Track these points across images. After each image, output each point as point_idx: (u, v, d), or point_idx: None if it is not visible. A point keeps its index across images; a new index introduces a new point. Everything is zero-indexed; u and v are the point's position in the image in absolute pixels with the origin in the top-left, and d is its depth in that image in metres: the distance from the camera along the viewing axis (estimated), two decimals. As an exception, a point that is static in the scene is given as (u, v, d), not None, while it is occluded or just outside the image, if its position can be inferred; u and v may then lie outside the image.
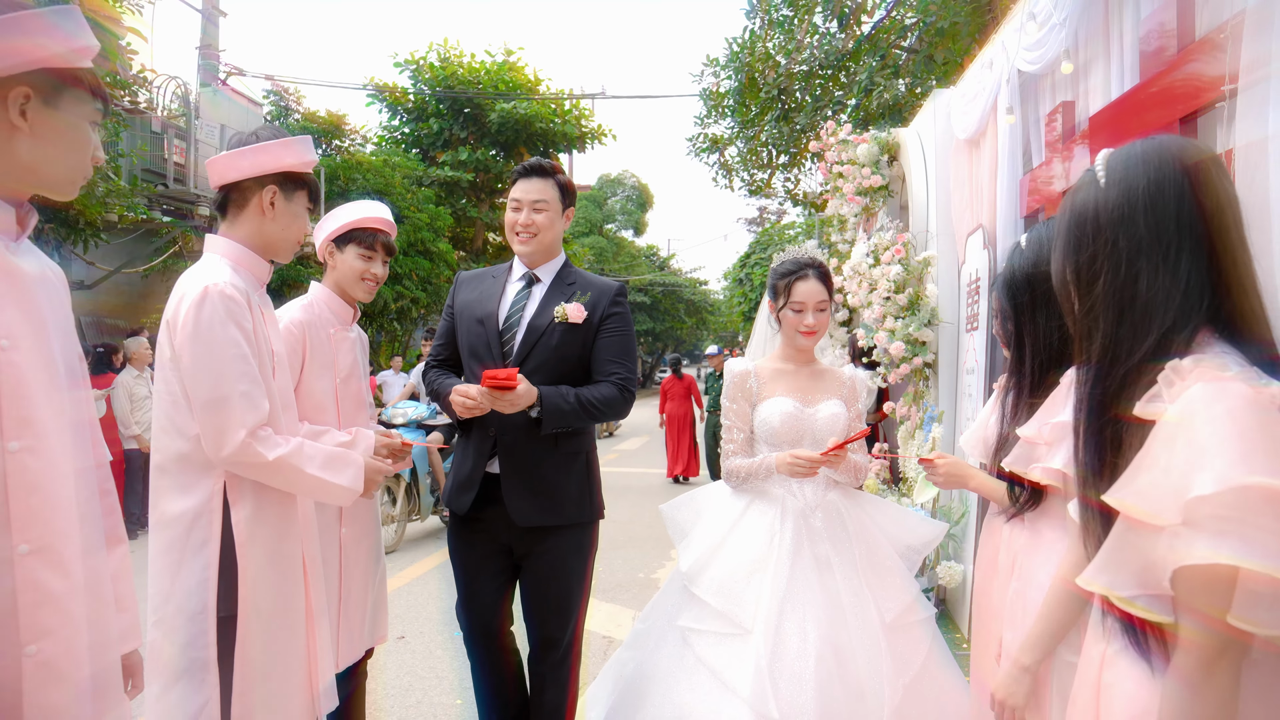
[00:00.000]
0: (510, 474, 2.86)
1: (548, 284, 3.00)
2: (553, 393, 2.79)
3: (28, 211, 1.51)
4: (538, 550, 2.89)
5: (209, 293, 2.01)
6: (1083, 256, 1.32)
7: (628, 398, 2.94)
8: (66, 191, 1.55)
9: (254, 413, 2.00)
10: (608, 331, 2.94)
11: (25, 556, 1.37)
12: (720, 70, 11.40)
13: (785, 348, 3.01)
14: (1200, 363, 1.17)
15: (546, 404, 2.76)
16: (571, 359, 2.91)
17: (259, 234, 2.22)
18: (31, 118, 1.45)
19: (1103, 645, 1.30)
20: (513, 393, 2.66)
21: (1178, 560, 1.08)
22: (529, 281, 3.01)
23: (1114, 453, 1.24)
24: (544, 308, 2.93)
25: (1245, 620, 1.06)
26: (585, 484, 2.99)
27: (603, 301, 2.95)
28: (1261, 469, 1.04)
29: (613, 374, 2.92)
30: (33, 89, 1.44)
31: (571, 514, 2.92)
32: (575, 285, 2.99)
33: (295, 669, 2.13)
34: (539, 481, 2.87)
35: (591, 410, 2.84)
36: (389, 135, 22.13)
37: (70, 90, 1.50)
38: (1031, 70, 4.19)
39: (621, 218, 46.70)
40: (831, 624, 2.64)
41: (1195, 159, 1.26)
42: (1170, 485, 1.10)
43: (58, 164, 1.50)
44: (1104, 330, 1.29)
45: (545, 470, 2.88)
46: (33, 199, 1.56)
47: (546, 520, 2.87)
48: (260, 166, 2.17)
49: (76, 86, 1.51)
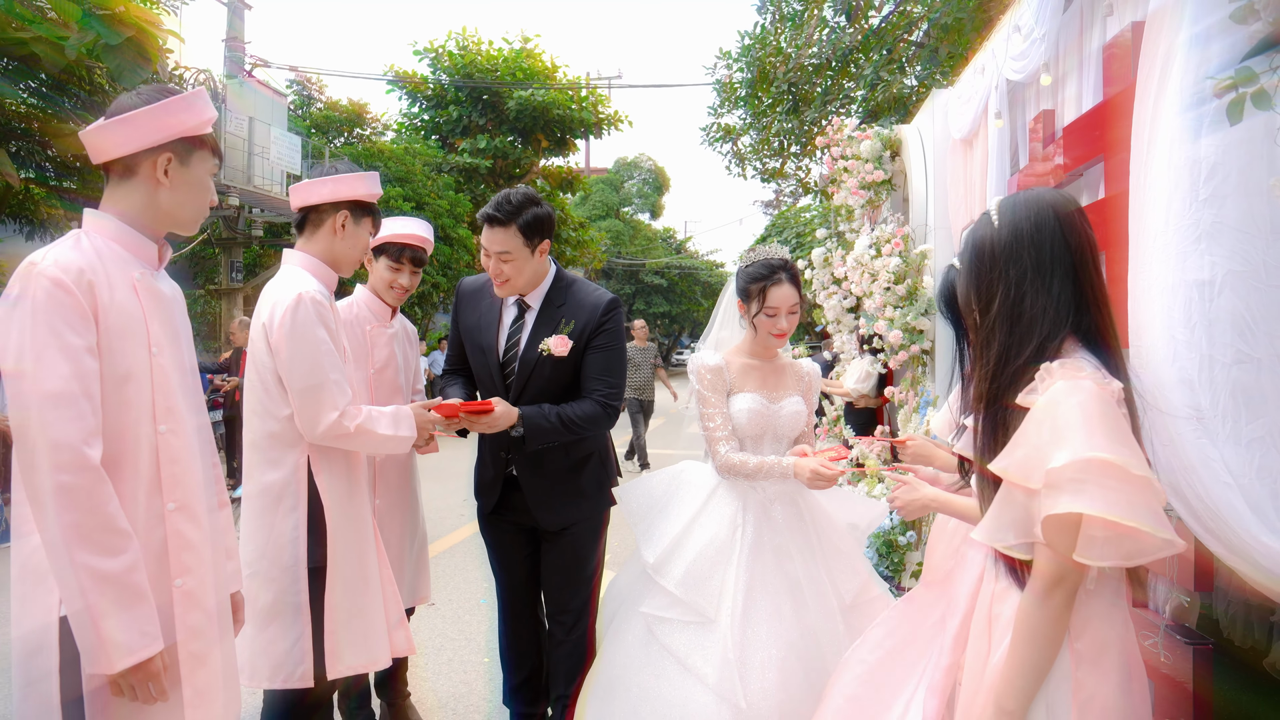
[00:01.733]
0: (529, 483, 3.04)
1: (537, 310, 3.04)
2: (534, 413, 2.90)
3: (165, 246, 1.90)
4: (557, 536, 3.10)
5: (302, 299, 2.42)
6: (982, 282, 1.69)
7: (610, 414, 3.02)
8: (191, 229, 1.94)
9: (343, 396, 2.42)
10: (594, 350, 2.99)
11: (172, 512, 1.77)
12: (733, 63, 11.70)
13: (754, 344, 3.02)
14: (1064, 365, 1.54)
15: (528, 424, 2.88)
16: (565, 383, 3.01)
17: (330, 250, 2.64)
18: (171, 175, 1.83)
19: (993, 584, 1.68)
20: (490, 415, 2.81)
21: (1044, 512, 1.46)
22: (520, 309, 3.08)
23: (1002, 433, 1.60)
24: (534, 339, 3.00)
25: (1084, 556, 1.46)
26: (601, 478, 3.17)
27: (590, 324, 2.99)
28: (1100, 447, 1.42)
29: (594, 391, 2.98)
30: (173, 153, 1.82)
31: (589, 509, 3.11)
32: (564, 308, 3.02)
33: (374, 611, 2.55)
34: (558, 488, 3.04)
35: (572, 427, 2.93)
36: (409, 123, 22.48)
37: (198, 151, 1.88)
38: (1017, 79, 4.50)
39: (638, 201, 46.92)
40: (795, 609, 2.75)
41: (1066, 208, 1.64)
42: (1038, 458, 1.47)
43: (188, 208, 1.89)
44: (999, 339, 1.65)
45: (561, 476, 3.05)
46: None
47: (569, 521, 3.07)
48: (336, 194, 2.59)
49: (202, 149, 1.89)
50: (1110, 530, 1.43)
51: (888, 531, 5.29)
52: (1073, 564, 1.48)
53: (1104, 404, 1.49)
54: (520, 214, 2.86)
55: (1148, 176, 2.76)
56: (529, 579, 3.23)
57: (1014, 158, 4.86)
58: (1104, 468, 1.43)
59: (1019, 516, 1.55)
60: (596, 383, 2.99)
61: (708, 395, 2.93)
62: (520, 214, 2.86)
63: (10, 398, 1.65)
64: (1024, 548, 1.57)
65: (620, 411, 3.12)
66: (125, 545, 1.65)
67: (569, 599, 3.12)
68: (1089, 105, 3.75)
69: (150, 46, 7.49)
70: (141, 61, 7.37)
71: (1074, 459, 1.43)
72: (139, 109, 1.79)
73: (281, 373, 2.41)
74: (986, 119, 4.97)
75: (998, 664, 1.60)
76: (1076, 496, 1.43)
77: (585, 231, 25.30)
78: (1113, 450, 1.42)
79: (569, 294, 3.04)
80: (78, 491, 1.60)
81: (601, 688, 2.89)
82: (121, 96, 1.83)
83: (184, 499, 1.80)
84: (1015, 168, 4.84)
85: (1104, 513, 1.41)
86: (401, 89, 22.06)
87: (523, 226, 2.87)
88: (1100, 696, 1.55)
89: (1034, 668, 1.54)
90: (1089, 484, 1.43)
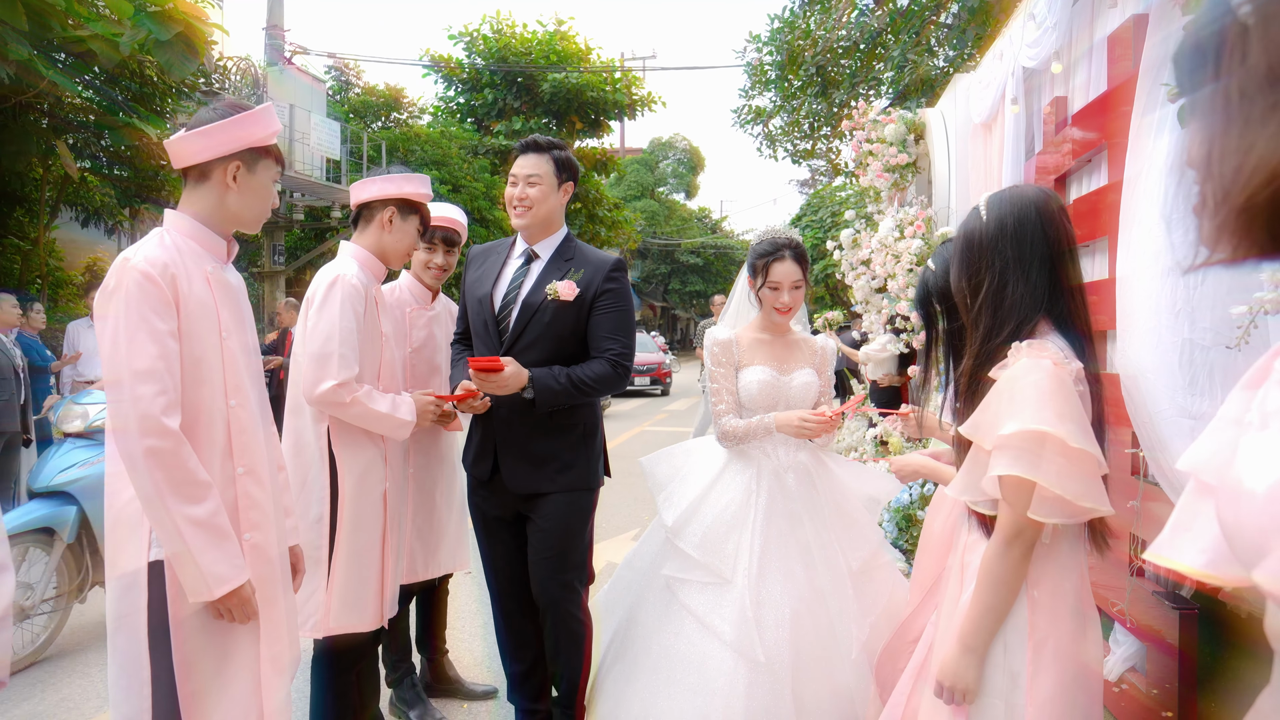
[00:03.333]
0: (506, 446, 3.03)
1: (546, 260, 3.05)
2: (544, 374, 2.89)
3: (232, 243, 2.15)
4: (537, 512, 3.03)
5: (339, 280, 2.72)
6: (970, 270, 1.87)
7: (621, 373, 2.99)
8: (254, 228, 2.19)
9: (347, 370, 2.67)
10: (602, 308, 2.98)
11: (241, 475, 2.03)
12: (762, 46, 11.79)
13: (763, 319, 3.12)
14: (1031, 345, 1.73)
15: (538, 385, 2.86)
16: (566, 335, 2.97)
17: (378, 244, 2.91)
18: (240, 181, 2.07)
19: (965, 537, 1.88)
20: (500, 374, 2.80)
21: (993, 472, 1.67)
22: (528, 259, 3.08)
23: (977, 401, 1.80)
24: (539, 285, 2.99)
25: (1035, 514, 1.65)
26: (582, 453, 3.06)
27: (597, 277, 2.98)
28: (1046, 421, 1.62)
29: (607, 350, 2.97)
30: (241, 161, 2.07)
31: (564, 482, 3.01)
32: (573, 261, 3.03)
33: (371, 577, 2.81)
34: (532, 452, 3.00)
35: (583, 388, 2.92)
36: (444, 106, 22.75)
37: (264, 160, 2.12)
38: (1031, 66, 4.63)
39: (673, 181, 46.94)
40: (806, 572, 2.85)
41: (1047, 205, 1.81)
42: (995, 424, 1.67)
43: (253, 210, 2.13)
44: (984, 321, 1.84)
45: (538, 442, 3.00)
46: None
47: (539, 488, 3.00)
48: (385, 192, 2.85)
49: (268, 157, 2.13)
50: (1055, 494, 1.62)
51: (906, 506, 5.46)
52: (1028, 520, 1.67)
53: (1059, 382, 1.67)
54: (555, 148, 3.05)
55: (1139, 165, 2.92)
56: (522, 571, 3.15)
57: (1029, 143, 4.98)
58: (1044, 439, 1.62)
59: (983, 475, 1.75)
60: (609, 342, 2.97)
61: (715, 369, 3.06)
62: (555, 148, 3.05)
63: (105, 373, 1.91)
64: (988, 503, 1.78)
65: (630, 371, 3.07)
66: (208, 494, 1.93)
67: (550, 589, 3.03)
68: (1096, 94, 3.87)
69: (198, 40, 7.79)
70: (190, 54, 7.67)
71: (1020, 429, 1.63)
72: (214, 122, 2.04)
73: (305, 339, 2.70)
74: (1004, 104, 5.09)
75: (963, 606, 1.81)
76: (1015, 462, 1.64)
77: (620, 212, 25.47)
78: (1057, 425, 1.62)
79: (578, 251, 3.09)
80: (164, 453, 1.86)
81: (622, 650, 3.03)
82: (200, 111, 2.08)
83: (251, 464, 2.06)
84: (1031, 152, 4.96)
85: (1035, 478, 1.62)
86: (437, 73, 22.34)
87: (557, 159, 3.02)
88: (1053, 639, 1.74)
89: (993, 610, 1.75)
90: (1028, 452, 1.63)
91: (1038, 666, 1.74)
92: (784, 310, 3.04)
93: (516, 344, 2.96)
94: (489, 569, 3.22)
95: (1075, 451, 1.62)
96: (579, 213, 23.51)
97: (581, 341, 3.01)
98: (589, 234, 23.79)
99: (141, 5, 7.42)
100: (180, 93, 9.82)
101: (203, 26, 7.93)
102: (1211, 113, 0.80)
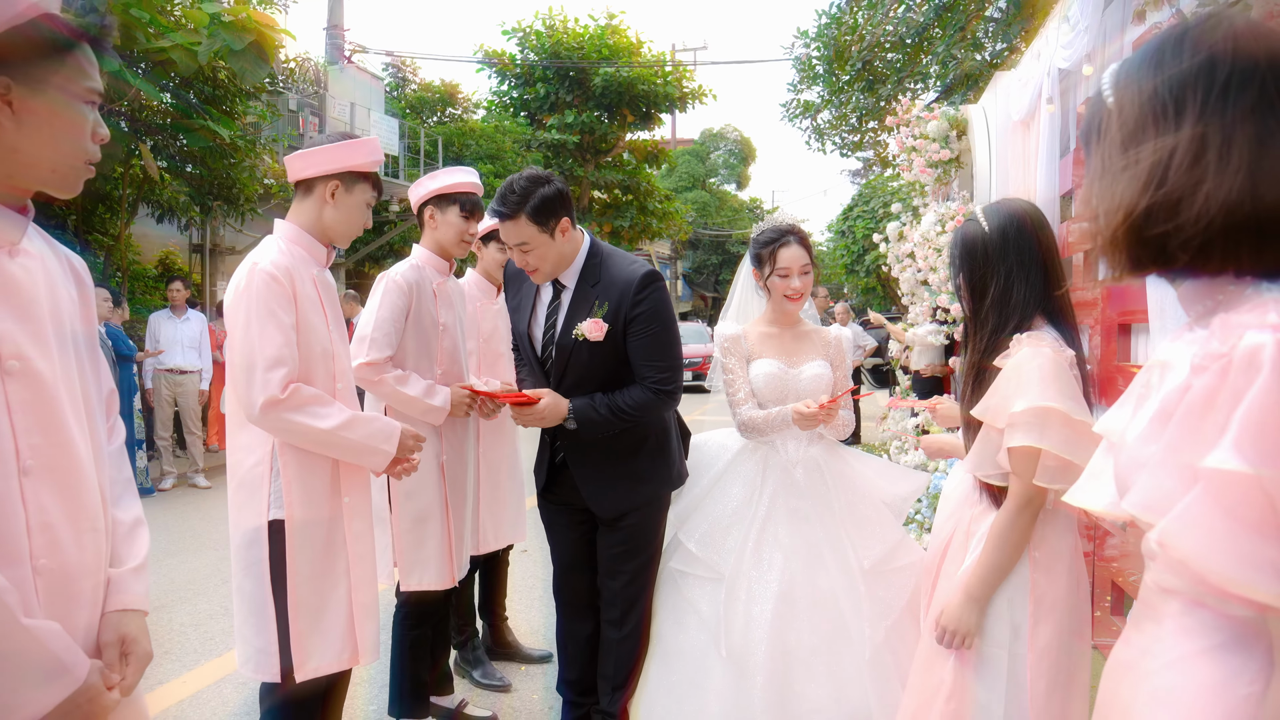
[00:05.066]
0: (579, 470, 2.95)
1: (573, 289, 2.90)
2: (584, 404, 2.82)
3: (331, 250, 2.47)
4: (615, 521, 2.96)
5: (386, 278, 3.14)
6: (976, 274, 2.12)
7: (663, 398, 2.86)
8: (345, 243, 2.51)
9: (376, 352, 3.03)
10: (635, 334, 2.82)
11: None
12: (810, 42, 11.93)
13: (771, 312, 3.10)
14: (1031, 336, 1.98)
15: (579, 416, 2.82)
16: (610, 365, 2.86)
17: (436, 241, 3.31)
18: (337, 198, 2.40)
19: (972, 509, 2.13)
20: (536, 408, 2.79)
21: (1006, 445, 1.92)
22: (557, 290, 2.96)
23: (984, 388, 2.05)
24: (569, 322, 2.88)
25: (1041, 481, 1.92)
26: (658, 460, 2.99)
27: (624, 304, 2.81)
28: (1051, 398, 1.88)
29: (645, 378, 2.83)
30: (340, 181, 2.39)
31: (645, 495, 2.95)
32: (598, 287, 2.85)
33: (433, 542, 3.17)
34: (610, 475, 2.92)
35: (625, 416, 2.82)
36: (498, 101, 23.16)
37: (361, 183, 2.44)
38: (1065, 67, 4.78)
39: (724, 171, 46.93)
40: (809, 571, 2.81)
41: (1034, 216, 2.06)
42: (1005, 405, 1.92)
43: (345, 226, 2.46)
44: (993, 320, 2.09)
45: (612, 462, 2.92)
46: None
47: (624, 508, 2.92)
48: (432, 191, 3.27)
49: (365, 181, 2.46)
50: (1057, 461, 1.88)
51: (944, 491, 5.65)
52: (1035, 488, 1.94)
53: (1058, 366, 1.93)
54: (526, 201, 2.71)
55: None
56: (585, 565, 3.08)
57: (1064, 141, 5.13)
58: (1050, 413, 1.88)
59: (994, 452, 2.01)
60: (645, 369, 2.82)
61: (727, 362, 3.06)
62: (526, 201, 2.71)
63: (236, 358, 2.25)
64: (999, 476, 2.03)
65: (679, 391, 2.92)
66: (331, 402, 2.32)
67: (620, 587, 2.96)
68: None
69: (268, 47, 8.23)
70: (261, 61, 8.11)
71: (1029, 406, 1.89)
72: (321, 145, 2.39)
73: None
74: (1040, 103, 5.25)
75: (970, 565, 2.06)
76: (1028, 434, 1.89)
77: (671, 204, 25.68)
78: (1060, 401, 1.88)
79: (603, 270, 2.87)
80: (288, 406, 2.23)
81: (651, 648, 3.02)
82: (315, 135, 2.45)
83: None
84: (1066, 150, 5.11)
85: (1048, 447, 1.87)
86: (491, 68, 22.75)
87: (532, 213, 2.72)
88: (1051, 595, 2.01)
89: (999, 568, 2.01)
90: (1035, 425, 1.89)
91: (1038, 618, 2.01)
92: (795, 297, 3.00)
93: (563, 384, 2.89)
94: (558, 566, 3.17)
95: (1076, 423, 1.88)
96: (630, 205, 23.78)
97: (626, 364, 2.87)
98: (640, 226, 24.02)
99: (215, 14, 7.87)
100: (248, 94, 10.32)
101: (273, 34, 8.35)
102: (1091, 171, 1.09)
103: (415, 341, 3.15)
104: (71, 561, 1.37)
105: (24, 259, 1.36)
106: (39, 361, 1.34)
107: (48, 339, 1.37)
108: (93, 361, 1.52)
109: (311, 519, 2.31)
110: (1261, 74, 1.00)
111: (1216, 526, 0.91)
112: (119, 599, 1.46)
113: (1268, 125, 0.99)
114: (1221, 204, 0.98)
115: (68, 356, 1.42)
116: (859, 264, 22.82)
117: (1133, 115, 1.06)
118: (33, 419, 1.32)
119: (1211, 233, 0.99)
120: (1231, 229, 0.98)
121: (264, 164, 10.96)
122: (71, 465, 1.38)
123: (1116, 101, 1.10)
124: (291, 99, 15.40)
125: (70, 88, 1.35)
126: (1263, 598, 0.90)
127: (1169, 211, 1.00)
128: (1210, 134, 1.00)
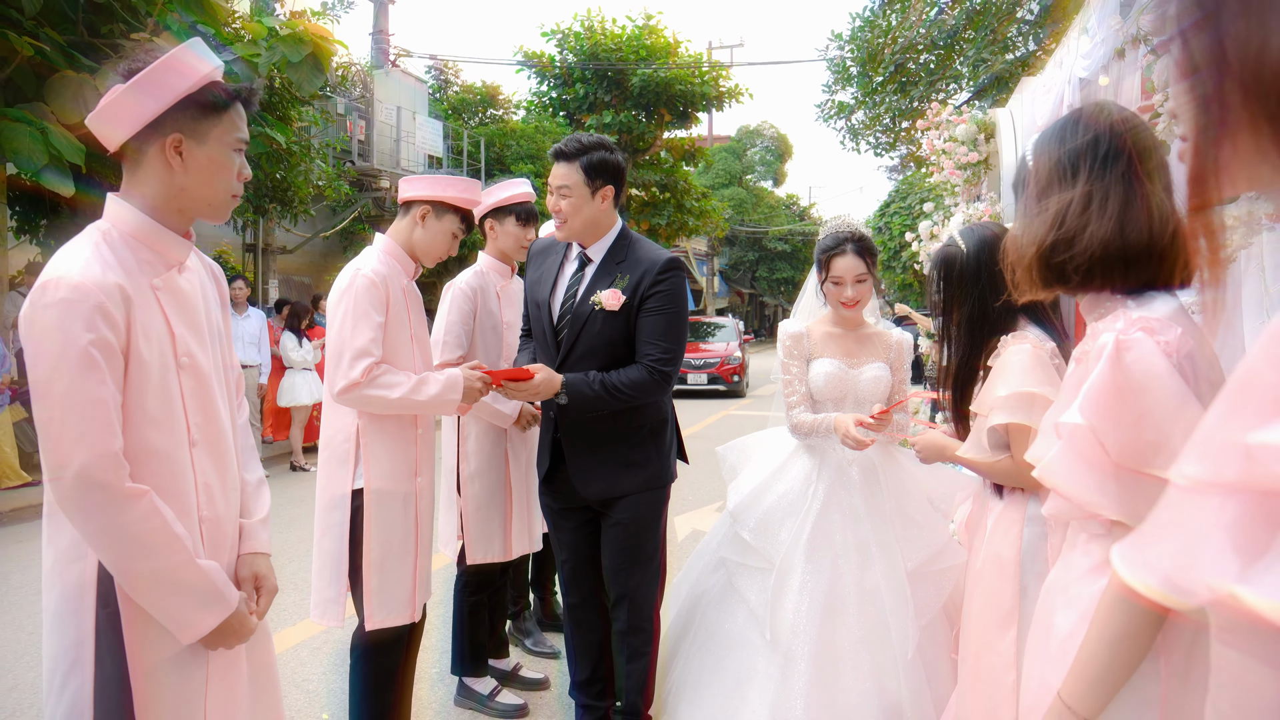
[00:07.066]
0: (572, 450, 2.98)
1: (598, 264, 2.95)
2: (578, 379, 2.82)
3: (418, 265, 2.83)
4: (610, 514, 2.99)
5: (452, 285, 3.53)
6: (953, 291, 2.40)
7: (659, 379, 2.85)
8: (429, 264, 2.85)
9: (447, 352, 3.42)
10: (648, 310, 2.86)
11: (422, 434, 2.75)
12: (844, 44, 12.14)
13: (834, 312, 3.12)
14: (1014, 336, 2.25)
15: (571, 390, 2.82)
16: (619, 342, 2.89)
17: (497, 249, 3.72)
18: (427, 223, 2.78)
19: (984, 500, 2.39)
20: (530, 383, 2.78)
21: (991, 422, 2.20)
22: (582, 263, 3.00)
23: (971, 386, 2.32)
24: (589, 293, 2.91)
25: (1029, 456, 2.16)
26: (652, 451, 3.00)
27: (646, 280, 2.86)
28: (1030, 384, 2.14)
29: (646, 355, 2.85)
30: (431, 208, 2.78)
31: (634, 483, 2.96)
32: (623, 264, 2.91)
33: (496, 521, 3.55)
34: (600, 457, 2.95)
35: (617, 394, 2.81)
36: (538, 101, 23.55)
37: (449, 214, 2.81)
38: (1084, 76, 5.00)
39: (761, 169, 47.03)
40: (857, 568, 2.86)
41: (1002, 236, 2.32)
42: (992, 392, 2.20)
43: (432, 248, 2.84)
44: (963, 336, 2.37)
45: (605, 445, 2.95)
46: None
47: (609, 493, 2.95)
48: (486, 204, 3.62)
49: (455, 213, 2.82)
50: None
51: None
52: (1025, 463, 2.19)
53: (1037, 358, 2.19)
54: (586, 153, 2.85)
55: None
56: (589, 562, 3.11)
57: (1084, 146, 5.34)
58: (1033, 397, 2.14)
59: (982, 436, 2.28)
60: (649, 346, 2.85)
61: (787, 361, 3.09)
62: (586, 153, 2.85)
63: (331, 347, 2.63)
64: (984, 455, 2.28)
65: (674, 378, 2.92)
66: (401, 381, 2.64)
67: (623, 582, 2.99)
68: (1135, 107, 4.26)
69: (324, 58, 8.63)
70: (318, 71, 8.52)
71: (1012, 391, 2.15)
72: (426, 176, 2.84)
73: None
74: (1062, 110, 5.46)
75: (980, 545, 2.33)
76: (1013, 413, 2.16)
77: (708, 201, 25.89)
78: (1040, 386, 2.14)
79: (630, 251, 2.95)
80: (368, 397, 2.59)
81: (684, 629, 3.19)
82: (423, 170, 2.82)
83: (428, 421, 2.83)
84: (1085, 155, 5.32)
85: (1029, 423, 2.13)
86: (530, 70, 23.13)
87: (586, 165, 2.84)
88: None
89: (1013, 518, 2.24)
90: (1022, 406, 2.14)
91: None
92: (849, 304, 3.03)
93: (571, 354, 2.92)
94: (562, 563, 3.18)
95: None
96: (668, 202, 24.05)
97: (633, 345, 2.91)
98: (678, 223, 24.28)
99: (273, 28, 8.30)
100: (301, 101, 10.78)
101: (328, 45, 8.76)
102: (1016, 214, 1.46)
103: (482, 340, 3.58)
104: (221, 514, 1.73)
105: (188, 274, 1.72)
106: (200, 356, 1.70)
107: (204, 336, 1.73)
108: (227, 349, 1.88)
109: (388, 490, 2.67)
110: (1129, 150, 1.44)
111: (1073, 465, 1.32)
112: (250, 543, 1.83)
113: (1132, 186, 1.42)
114: (1101, 241, 1.40)
115: (215, 348, 1.78)
116: (895, 260, 22.91)
117: (1044, 175, 1.50)
118: (197, 402, 1.68)
119: (1094, 261, 1.42)
120: (1107, 259, 1.41)
121: (317, 167, 11.45)
122: (220, 436, 1.74)
123: (1035, 164, 1.54)
124: (340, 103, 15.90)
125: (225, 139, 1.70)
126: (1106, 514, 1.32)
127: (1066, 245, 1.43)
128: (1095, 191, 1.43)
